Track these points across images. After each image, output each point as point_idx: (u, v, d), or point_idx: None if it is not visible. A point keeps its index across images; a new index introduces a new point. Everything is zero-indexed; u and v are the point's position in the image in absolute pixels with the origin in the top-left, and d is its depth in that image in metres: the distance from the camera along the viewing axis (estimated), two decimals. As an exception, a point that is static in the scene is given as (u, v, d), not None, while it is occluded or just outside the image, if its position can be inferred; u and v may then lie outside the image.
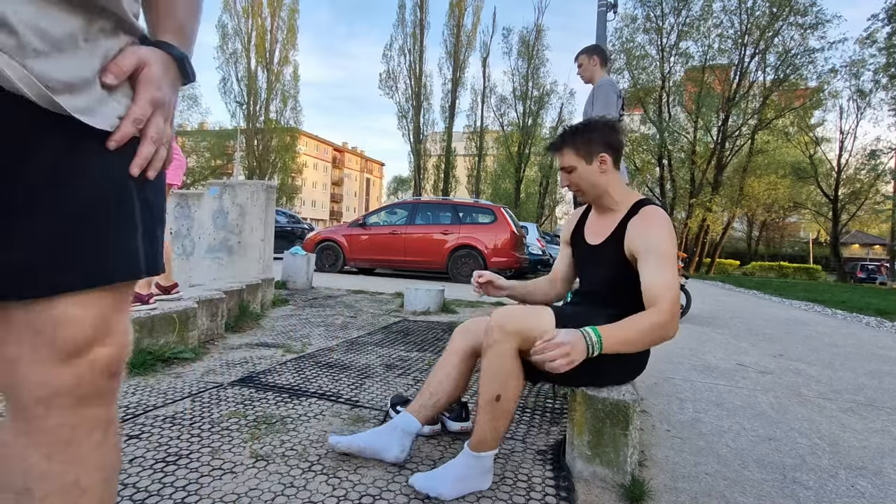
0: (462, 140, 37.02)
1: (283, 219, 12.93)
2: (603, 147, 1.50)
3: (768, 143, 23.48)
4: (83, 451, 0.56)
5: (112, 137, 0.54)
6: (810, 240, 39.27)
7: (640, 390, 2.42)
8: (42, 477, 0.53)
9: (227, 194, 5.07)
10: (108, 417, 0.59)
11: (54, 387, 0.52)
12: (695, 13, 22.67)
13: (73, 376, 0.53)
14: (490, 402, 1.34)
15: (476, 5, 33.80)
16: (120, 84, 0.56)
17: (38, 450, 0.53)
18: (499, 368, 1.34)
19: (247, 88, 34.62)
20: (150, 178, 0.59)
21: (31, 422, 0.53)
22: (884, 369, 3.35)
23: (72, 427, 0.54)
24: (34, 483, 0.53)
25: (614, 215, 1.54)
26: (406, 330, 3.65)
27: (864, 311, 7.22)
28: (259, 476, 1.34)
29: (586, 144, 1.50)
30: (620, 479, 1.40)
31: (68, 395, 0.53)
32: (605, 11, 7.33)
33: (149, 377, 2.16)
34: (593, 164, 1.50)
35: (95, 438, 0.57)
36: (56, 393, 0.53)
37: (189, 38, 0.66)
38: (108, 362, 0.56)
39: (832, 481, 1.57)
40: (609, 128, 1.54)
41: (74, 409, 0.54)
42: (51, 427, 0.53)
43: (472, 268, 8.43)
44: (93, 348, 0.54)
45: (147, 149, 0.58)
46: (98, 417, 0.57)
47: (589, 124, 1.54)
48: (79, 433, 0.55)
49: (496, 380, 1.34)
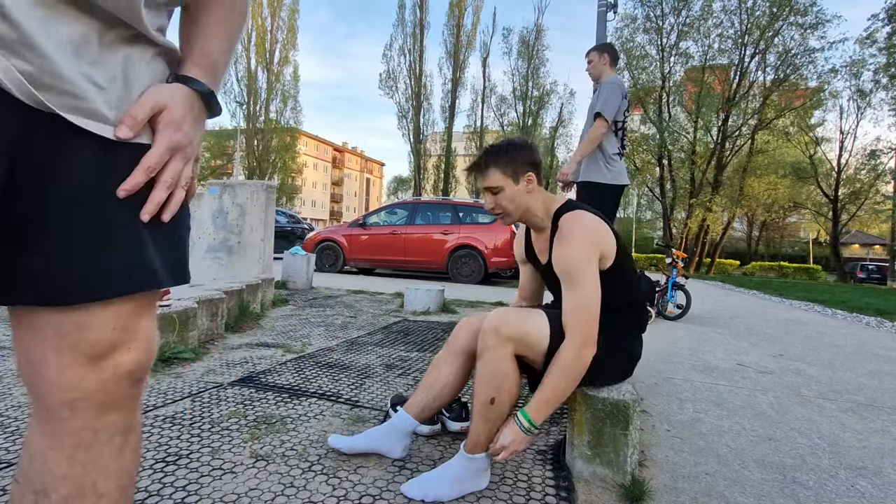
0: (462, 140, 37.03)
1: (283, 219, 12.93)
2: (528, 166, 1.48)
3: (768, 143, 23.47)
4: (103, 456, 0.57)
5: (122, 187, 0.53)
6: (810, 240, 39.27)
7: (640, 390, 2.42)
8: (62, 479, 0.54)
9: (227, 194, 5.07)
10: (129, 424, 0.59)
11: (80, 390, 0.54)
12: (695, 13, 22.69)
13: (98, 381, 0.54)
14: (484, 404, 1.34)
15: (476, 5, 33.85)
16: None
17: (60, 452, 0.54)
18: (493, 372, 1.35)
19: (247, 88, 34.65)
20: (165, 220, 0.58)
21: (56, 423, 0.54)
22: (884, 369, 3.35)
23: (94, 431, 0.55)
24: (53, 484, 0.54)
25: (545, 232, 1.54)
26: (406, 330, 3.65)
27: (864, 311, 7.22)
28: (259, 476, 1.34)
29: (512, 164, 1.47)
30: (620, 479, 1.40)
31: (93, 398, 0.54)
32: (605, 11, 7.33)
33: (149, 377, 2.15)
34: (520, 184, 1.48)
35: (116, 443, 0.58)
36: (81, 396, 0.54)
37: (219, 75, 0.64)
38: (131, 368, 0.57)
39: (832, 481, 1.57)
40: (530, 147, 1.53)
41: (99, 413, 0.55)
42: (74, 429, 0.54)
43: (472, 268, 8.44)
44: (117, 352, 0.55)
45: (159, 194, 0.56)
46: (120, 423, 0.58)
47: (512, 144, 1.52)
48: (101, 437, 0.56)
49: (491, 383, 1.34)
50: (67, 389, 0.53)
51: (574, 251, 1.37)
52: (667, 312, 5.24)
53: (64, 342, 0.53)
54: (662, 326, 4.75)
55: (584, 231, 1.40)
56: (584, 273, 1.34)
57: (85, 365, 0.53)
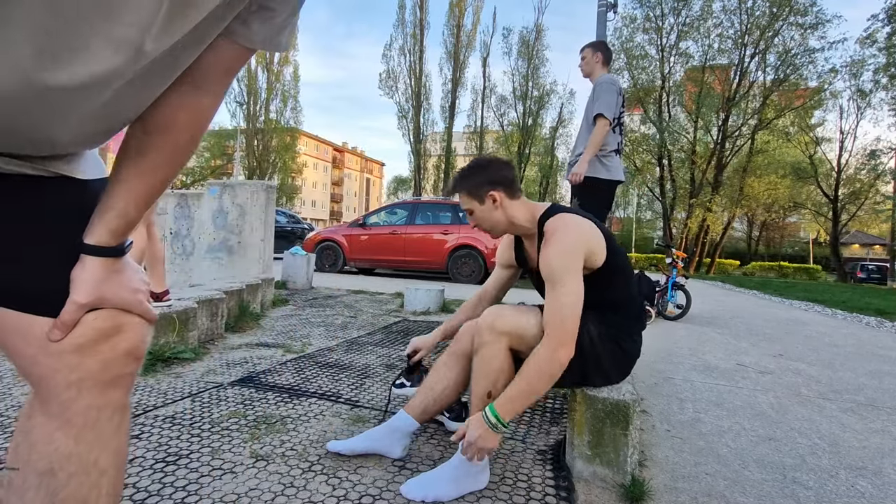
0: (462, 140, 37.02)
1: (283, 219, 12.93)
2: (489, 186, 1.51)
3: (768, 143, 23.48)
4: (105, 434, 0.60)
5: (49, 338, 0.55)
6: (810, 240, 39.27)
7: (640, 390, 2.42)
8: (68, 457, 0.57)
9: (227, 194, 5.07)
10: (125, 402, 0.63)
11: (83, 370, 0.57)
12: (695, 13, 22.71)
13: (99, 361, 0.57)
14: (482, 398, 1.36)
15: (476, 5, 33.80)
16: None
17: (67, 431, 0.57)
18: (489, 366, 1.37)
19: (247, 88, 34.66)
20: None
21: (63, 405, 0.57)
22: (884, 369, 3.35)
23: (98, 409, 0.58)
24: (60, 463, 0.57)
25: (533, 239, 1.56)
26: (406, 330, 3.65)
27: (864, 311, 7.22)
28: (259, 476, 1.34)
29: (475, 188, 1.52)
30: (620, 479, 1.40)
31: (97, 377, 0.58)
32: (605, 11, 7.33)
33: (149, 377, 2.16)
34: (486, 203, 1.52)
35: (115, 421, 0.61)
36: (87, 376, 0.57)
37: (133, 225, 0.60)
38: (129, 347, 0.60)
39: (832, 481, 1.57)
40: (492, 166, 1.56)
41: (102, 391, 0.58)
42: (81, 408, 0.57)
43: (472, 268, 8.44)
44: (112, 339, 0.58)
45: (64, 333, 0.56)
46: (118, 401, 0.61)
47: (473, 167, 1.57)
48: (103, 415, 0.59)
49: (488, 377, 1.36)
50: (71, 370, 0.56)
51: (556, 253, 1.37)
52: (667, 312, 5.24)
53: (54, 346, 0.56)
54: (662, 326, 4.75)
55: (568, 233, 1.41)
56: (565, 275, 1.35)
57: (81, 352, 0.56)
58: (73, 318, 0.55)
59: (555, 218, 1.46)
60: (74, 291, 0.55)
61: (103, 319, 0.57)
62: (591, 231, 1.44)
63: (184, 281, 4.94)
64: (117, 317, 0.58)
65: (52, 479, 0.56)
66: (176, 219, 5.12)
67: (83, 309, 0.56)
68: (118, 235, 0.58)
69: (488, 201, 1.52)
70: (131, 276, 0.60)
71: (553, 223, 1.44)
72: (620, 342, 1.49)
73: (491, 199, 1.52)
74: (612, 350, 1.47)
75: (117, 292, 0.58)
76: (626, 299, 1.53)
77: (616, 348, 1.48)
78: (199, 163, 33.47)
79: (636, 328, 1.57)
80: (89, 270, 0.56)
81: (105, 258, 0.57)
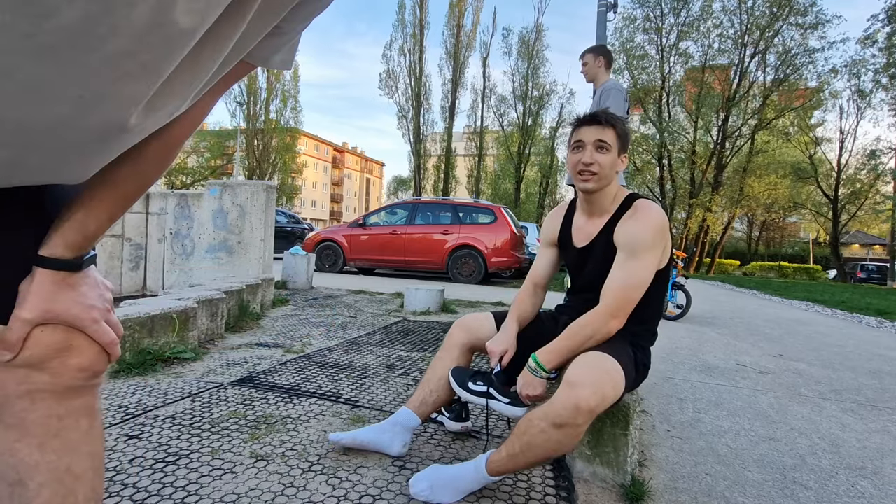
0: (462, 140, 37.01)
1: (283, 219, 12.93)
2: (627, 148, 1.52)
3: (768, 143, 23.48)
4: (73, 440, 0.56)
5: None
6: (810, 240, 39.24)
7: (640, 390, 2.42)
8: (35, 467, 0.54)
9: (227, 194, 5.07)
10: (91, 405, 0.59)
11: (32, 383, 0.53)
12: (694, 13, 22.70)
13: (51, 374, 0.54)
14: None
15: (476, 5, 33.83)
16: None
17: (28, 441, 0.54)
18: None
19: (247, 88, 34.65)
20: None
21: (17, 416, 0.54)
22: (884, 369, 3.35)
23: (59, 417, 0.55)
24: (28, 474, 0.54)
25: (603, 214, 1.52)
26: (406, 330, 3.65)
27: (864, 311, 7.22)
28: (259, 476, 1.34)
29: (625, 137, 1.51)
30: (620, 479, 1.40)
31: (49, 388, 0.54)
32: (605, 11, 7.33)
33: (149, 377, 2.16)
34: (619, 157, 1.50)
35: (83, 426, 0.57)
36: (37, 388, 0.53)
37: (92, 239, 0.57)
38: (80, 364, 0.56)
39: (832, 481, 1.57)
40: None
41: (59, 400, 0.55)
42: (38, 418, 0.54)
43: (472, 268, 8.44)
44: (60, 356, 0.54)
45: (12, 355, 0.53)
46: (83, 406, 0.57)
47: (625, 124, 1.56)
48: (66, 422, 0.56)
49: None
50: (19, 382, 0.53)
51: (648, 227, 1.39)
52: (667, 312, 5.24)
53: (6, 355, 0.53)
54: (662, 326, 4.74)
55: (662, 216, 1.42)
56: (647, 251, 1.36)
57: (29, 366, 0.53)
58: (19, 336, 0.52)
59: (650, 202, 1.48)
60: (20, 306, 0.52)
61: (51, 334, 0.53)
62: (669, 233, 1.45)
63: (184, 281, 4.94)
64: (68, 333, 0.54)
65: (22, 489, 0.54)
66: (176, 219, 5.12)
67: (29, 325, 0.52)
68: (75, 249, 0.55)
69: (622, 157, 1.51)
70: (87, 292, 0.56)
71: (647, 203, 1.47)
72: (645, 357, 1.46)
73: (622, 159, 1.51)
74: (636, 365, 1.40)
75: (69, 308, 0.54)
76: (656, 314, 1.53)
77: (640, 364, 1.43)
78: (199, 163, 33.50)
79: (652, 342, 1.54)
80: (38, 283, 0.53)
81: (57, 271, 0.54)
